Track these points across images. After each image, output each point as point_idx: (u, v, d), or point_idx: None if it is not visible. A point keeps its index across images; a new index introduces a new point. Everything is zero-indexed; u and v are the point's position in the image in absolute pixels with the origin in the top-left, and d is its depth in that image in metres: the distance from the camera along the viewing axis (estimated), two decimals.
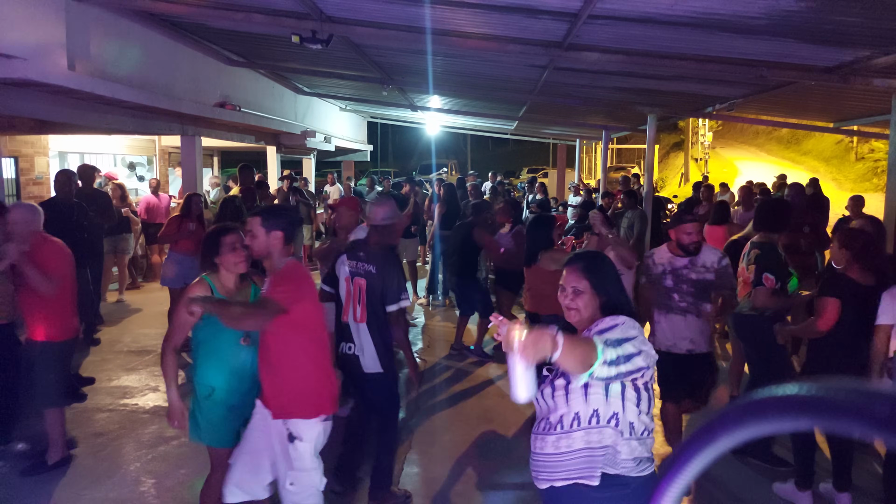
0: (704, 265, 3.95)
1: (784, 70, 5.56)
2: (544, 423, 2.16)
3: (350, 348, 3.65)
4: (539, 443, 2.16)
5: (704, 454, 0.54)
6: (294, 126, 11.72)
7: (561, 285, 2.23)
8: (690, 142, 31.69)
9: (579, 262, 2.22)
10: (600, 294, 2.17)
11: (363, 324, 3.61)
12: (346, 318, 3.68)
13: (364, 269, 3.65)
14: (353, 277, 3.66)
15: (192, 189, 9.01)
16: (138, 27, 6.71)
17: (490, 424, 4.98)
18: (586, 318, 2.17)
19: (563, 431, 2.09)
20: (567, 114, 12.33)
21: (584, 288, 2.17)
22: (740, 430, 0.51)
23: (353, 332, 3.64)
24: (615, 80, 7.53)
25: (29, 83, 5.29)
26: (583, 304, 2.16)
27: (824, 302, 3.62)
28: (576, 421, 2.07)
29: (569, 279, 2.20)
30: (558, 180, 19.94)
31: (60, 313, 4.03)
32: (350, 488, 3.90)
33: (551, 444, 2.11)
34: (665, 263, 4.04)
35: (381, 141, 30.45)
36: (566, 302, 2.20)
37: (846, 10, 3.96)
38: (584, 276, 2.17)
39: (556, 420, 2.11)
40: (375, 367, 3.62)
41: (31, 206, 4.12)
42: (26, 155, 9.35)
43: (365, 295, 3.61)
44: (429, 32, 5.53)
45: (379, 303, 3.62)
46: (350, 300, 3.65)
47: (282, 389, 2.88)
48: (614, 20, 4.67)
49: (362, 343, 3.62)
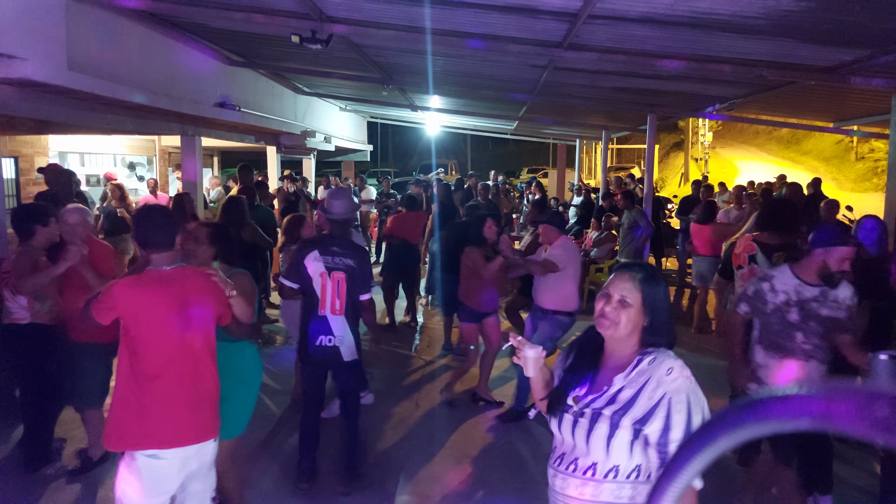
0: (836, 300, 3.21)
1: (784, 70, 5.56)
2: (570, 462, 1.90)
3: (330, 340, 3.80)
4: (559, 481, 1.92)
5: (704, 454, 0.54)
6: (294, 126, 11.72)
7: (605, 291, 1.92)
8: (690, 142, 31.70)
9: (637, 271, 1.92)
10: (647, 314, 1.88)
11: (342, 315, 3.80)
12: (323, 312, 3.79)
13: (343, 262, 3.80)
14: (331, 272, 3.78)
15: (193, 189, 9.01)
16: (138, 27, 6.70)
17: (490, 424, 4.98)
18: (621, 336, 1.88)
19: (592, 479, 1.84)
20: (567, 114, 12.33)
21: (633, 301, 1.86)
22: (740, 430, 0.51)
23: (332, 324, 3.79)
24: (615, 80, 7.53)
25: (29, 83, 5.29)
26: (625, 318, 1.86)
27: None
28: (613, 472, 1.82)
29: (618, 286, 1.89)
30: (558, 180, 19.94)
31: None
32: (314, 481, 3.98)
33: (574, 488, 1.87)
34: (790, 292, 3.25)
35: (381, 141, 30.46)
36: (606, 309, 1.88)
37: (846, 10, 3.96)
38: (638, 288, 1.88)
39: (585, 465, 1.86)
40: (352, 355, 3.85)
41: (84, 209, 4.17)
42: (26, 155, 9.35)
43: (345, 288, 3.78)
44: (429, 32, 5.53)
45: (355, 294, 3.83)
46: (327, 294, 3.78)
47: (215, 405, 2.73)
48: (614, 20, 4.67)
49: (342, 334, 3.80)
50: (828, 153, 26.81)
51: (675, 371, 1.79)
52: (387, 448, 4.60)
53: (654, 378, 1.79)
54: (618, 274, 1.93)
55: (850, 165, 24.81)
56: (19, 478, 4.02)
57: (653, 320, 1.88)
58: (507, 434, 4.82)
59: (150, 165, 13.11)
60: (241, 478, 3.67)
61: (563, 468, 1.91)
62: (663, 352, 1.86)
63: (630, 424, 1.79)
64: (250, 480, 4.02)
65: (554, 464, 1.97)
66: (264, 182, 10.59)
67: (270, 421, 4.96)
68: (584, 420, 1.86)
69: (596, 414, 1.84)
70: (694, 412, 1.75)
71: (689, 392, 1.76)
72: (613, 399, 1.83)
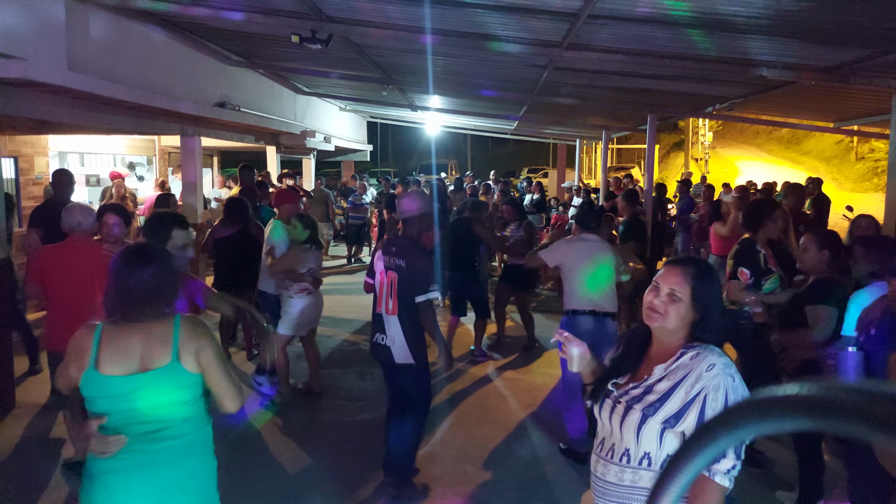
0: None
1: (784, 70, 5.56)
2: (609, 448, 1.94)
3: (382, 339, 3.82)
4: (601, 467, 1.95)
5: (704, 455, 0.54)
6: (294, 126, 11.72)
7: (655, 283, 1.91)
8: (690, 142, 31.70)
9: (689, 266, 1.90)
10: (697, 310, 1.85)
11: (394, 316, 3.77)
12: (379, 310, 3.85)
13: (395, 263, 3.80)
14: (387, 271, 3.83)
15: (193, 189, 9.02)
16: (138, 27, 6.70)
17: (490, 424, 4.98)
18: (669, 330, 1.87)
19: (628, 465, 1.86)
20: (567, 114, 12.33)
21: (683, 295, 1.85)
22: (740, 430, 0.51)
23: (385, 323, 3.80)
24: (615, 80, 7.53)
25: (29, 83, 5.29)
26: (674, 312, 1.85)
27: (819, 311, 3.41)
28: (646, 460, 1.84)
29: (669, 278, 1.88)
30: (558, 180, 19.93)
31: None
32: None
33: (614, 474, 1.90)
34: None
35: (381, 141, 30.47)
36: (655, 302, 1.88)
37: (846, 10, 3.96)
38: (689, 283, 1.85)
39: (620, 451, 1.89)
40: (406, 357, 3.77)
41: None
42: (26, 155, 9.34)
43: (396, 288, 3.77)
44: (429, 32, 5.53)
45: (409, 295, 3.75)
46: (383, 293, 3.82)
47: None
48: (614, 20, 4.67)
49: (393, 334, 3.78)
50: (828, 153, 26.81)
51: (716, 368, 1.76)
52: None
53: (695, 373, 1.78)
54: (669, 267, 1.92)
55: (850, 165, 24.81)
56: (18, 478, 4.03)
57: (704, 316, 1.86)
58: (508, 434, 4.82)
59: (150, 165, 13.10)
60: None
61: (604, 454, 1.94)
62: (709, 348, 1.83)
63: (662, 418, 1.79)
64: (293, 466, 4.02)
65: (596, 449, 1.99)
66: (265, 182, 10.59)
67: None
68: (620, 407, 1.89)
69: (632, 401, 1.86)
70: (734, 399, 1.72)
71: (728, 388, 1.73)
72: (651, 389, 1.84)
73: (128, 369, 2.07)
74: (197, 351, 2.13)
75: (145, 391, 2.07)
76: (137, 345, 2.09)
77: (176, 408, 2.14)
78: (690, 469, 0.56)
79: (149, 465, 2.10)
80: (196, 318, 2.26)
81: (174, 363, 2.10)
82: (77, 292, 3.71)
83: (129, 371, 2.07)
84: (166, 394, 2.11)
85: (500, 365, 6.37)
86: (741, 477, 1.72)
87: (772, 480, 4.09)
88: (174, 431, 2.14)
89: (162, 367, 2.09)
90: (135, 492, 2.09)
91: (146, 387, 2.07)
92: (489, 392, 5.68)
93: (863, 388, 0.44)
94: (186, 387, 2.13)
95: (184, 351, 2.11)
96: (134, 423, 2.09)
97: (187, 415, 2.17)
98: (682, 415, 1.76)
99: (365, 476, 4.12)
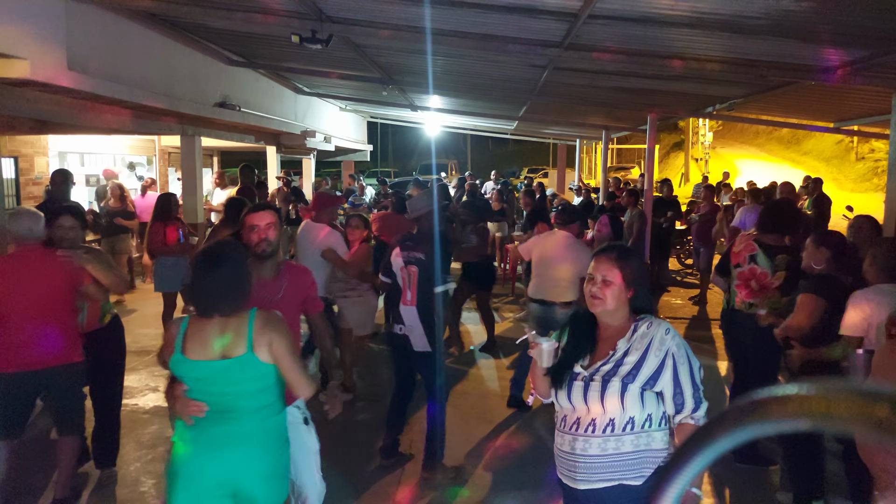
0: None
1: (784, 70, 5.56)
2: (587, 424, 2.12)
3: (400, 329, 4.07)
4: (581, 444, 2.12)
5: (704, 455, 0.54)
6: (294, 126, 11.72)
7: (589, 274, 2.17)
8: (690, 142, 31.71)
9: (612, 252, 2.18)
10: (628, 287, 2.13)
11: (413, 306, 4.02)
12: (401, 302, 4.08)
13: (415, 256, 4.06)
14: (407, 265, 4.06)
15: (194, 189, 9.01)
16: (138, 27, 6.70)
17: (490, 424, 4.98)
18: (611, 310, 2.14)
19: (612, 434, 2.07)
20: (567, 114, 12.33)
21: (614, 278, 2.12)
22: (740, 430, 0.51)
23: (405, 315, 4.04)
24: (615, 80, 7.53)
25: (29, 83, 5.29)
26: (610, 294, 2.11)
27: (808, 299, 3.46)
28: (629, 424, 2.07)
29: (599, 268, 2.15)
30: (558, 180, 19.95)
31: None
32: (397, 462, 4.25)
33: (597, 446, 2.09)
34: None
35: (381, 141, 30.50)
36: (593, 290, 2.13)
37: (846, 10, 3.96)
38: (616, 266, 2.13)
39: (604, 423, 2.08)
40: (423, 346, 4.03)
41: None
42: (26, 155, 9.35)
43: (416, 280, 4.02)
44: (429, 32, 5.52)
45: (427, 286, 4.01)
46: (405, 286, 4.06)
47: None
48: (614, 20, 4.66)
49: (411, 324, 4.02)
50: (828, 153, 26.82)
51: (671, 331, 2.10)
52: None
53: (657, 338, 2.08)
54: (597, 257, 2.19)
55: (850, 165, 24.82)
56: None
57: (636, 292, 2.15)
58: (508, 434, 4.82)
59: (150, 165, 13.11)
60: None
61: (582, 431, 2.12)
62: (656, 318, 2.15)
63: (641, 382, 2.05)
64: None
65: (570, 430, 2.16)
66: (264, 182, 10.60)
67: None
68: (595, 383, 2.09)
69: (608, 376, 2.08)
70: (693, 364, 2.09)
71: (685, 347, 2.11)
72: (621, 362, 2.09)
73: (208, 356, 2.29)
74: (269, 343, 2.31)
75: (222, 377, 2.30)
76: (217, 335, 2.31)
77: (250, 395, 2.33)
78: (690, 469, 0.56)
79: (221, 446, 2.31)
80: (271, 312, 2.42)
81: (249, 354, 2.29)
82: (31, 308, 3.41)
83: (209, 358, 2.29)
84: (241, 382, 2.31)
85: (500, 365, 6.37)
86: (742, 478, 1.75)
87: (773, 481, 4.09)
88: (248, 417, 2.33)
89: (238, 356, 2.29)
90: (206, 469, 2.31)
91: (224, 373, 2.29)
92: (489, 392, 5.68)
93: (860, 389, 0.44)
94: (260, 376, 2.32)
95: (257, 343, 2.30)
96: (215, 403, 2.31)
97: (261, 403, 2.36)
98: (658, 375, 2.06)
99: (365, 476, 4.12)
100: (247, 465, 2.32)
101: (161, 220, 6.41)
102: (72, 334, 3.63)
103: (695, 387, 2.07)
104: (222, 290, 2.33)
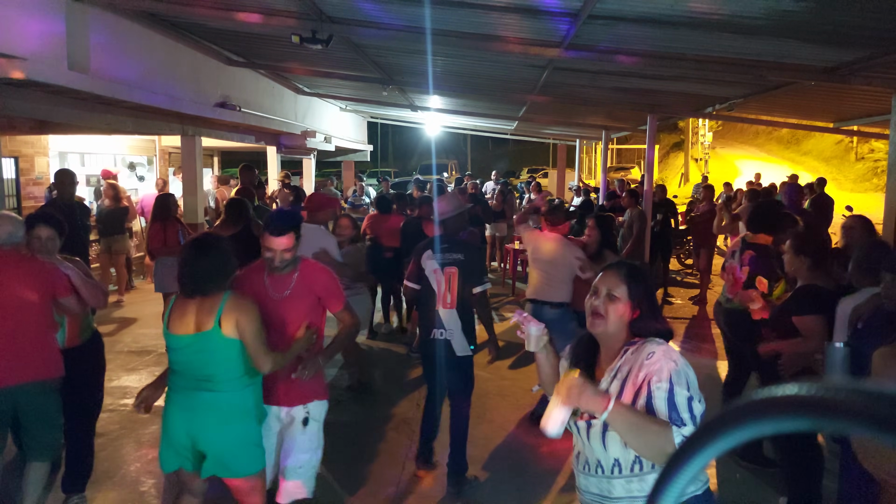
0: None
1: (784, 70, 5.56)
2: (584, 460, 1.99)
3: (441, 334, 3.94)
4: (582, 480, 2.00)
5: (704, 455, 0.54)
6: (294, 126, 11.72)
7: (594, 287, 1.98)
8: (690, 142, 31.70)
9: (622, 268, 1.99)
10: (633, 307, 1.93)
11: (453, 309, 3.92)
12: (437, 307, 3.95)
13: (453, 258, 3.95)
14: (444, 267, 3.94)
15: (194, 189, 9.01)
16: (138, 27, 6.70)
17: (490, 424, 4.98)
18: (611, 332, 1.94)
19: (603, 475, 1.91)
20: (567, 114, 12.33)
21: (621, 294, 1.92)
22: (740, 430, 0.51)
23: (444, 318, 3.93)
24: (615, 80, 7.53)
25: (29, 83, 5.29)
26: (613, 311, 1.91)
27: (813, 322, 3.35)
28: (616, 467, 1.88)
29: (605, 281, 1.96)
30: (558, 180, 19.93)
31: None
32: (432, 467, 4.20)
33: (594, 485, 1.95)
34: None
35: (381, 141, 30.48)
36: (595, 303, 1.95)
37: (846, 10, 3.96)
38: (624, 282, 1.93)
39: (594, 462, 1.93)
40: (465, 349, 3.96)
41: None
42: (26, 155, 9.35)
43: (456, 281, 3.92)
44: (429, 32, 5.52)
45: (468, 287, 3.93)
46: (441, 289, 3.94)
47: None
48: (614, 20, 4.66)
49: (453, 328, 3.92)
50: (828, 153, 26.82)
51: (655, 355, 1.81)
52: (389, 448, 4.59)
53: (637, 364, 1.83)
54: (605, 271, 2.01)
55: (850, 165, 24.82)
56: None
57: (641, 313, 1.93)
58: (508, 434, 4.81)
59: (150, 165, 13.10)
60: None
61: (580, 466, 2.01)
62: (649, 340, 1.89)
63: None
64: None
65: (574, 463, 2.06)
66: (263, 183, 10.59)
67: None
68: (584, 419, 1.93)
69: (591, 414, 1.86)
70: (677, 390, 1.74)
71: (671, 371, 1.76)
72: None
73: (185, 330, 2.70)
74: (236, 321, 2.66)
75: (194, 347, 2.69)
76: (193, 313, 2.70)
77: (217, 365, 2.70)
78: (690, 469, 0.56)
79: (189, 409, 2.72)
80: (243, 297, 2.77)
81: (216, 328, 2.66)
82: (5, 317, 3.18)
83: (185, 332, 2.70)
84: (208, 352, 2.69)
85: (500, 365, 6.37)
86: (744, 479, 1.73)
87: (774, 483, 4.08)
88: (218, 386, 2.70)
89: (206, 330, 2.67)
90: (177, 426, 2.74)
91: (194, 344, 2.69)
92: (489, 392, 5.67)
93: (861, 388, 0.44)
94: (224, 348, 2.68)
95: (225, 320, 2.66)
96: (189, 372, 2.74)
97: (228, 375, 2.72)
98: (633, 405, 1.78)
99: (366, 476, 4.12)
100: (208, 428, 2.70)
101: (160, 221, 6.42)
102: (48, 348, 3.35)
103: (671, 407, 1.72)
104: (204, 275, 2.69)
